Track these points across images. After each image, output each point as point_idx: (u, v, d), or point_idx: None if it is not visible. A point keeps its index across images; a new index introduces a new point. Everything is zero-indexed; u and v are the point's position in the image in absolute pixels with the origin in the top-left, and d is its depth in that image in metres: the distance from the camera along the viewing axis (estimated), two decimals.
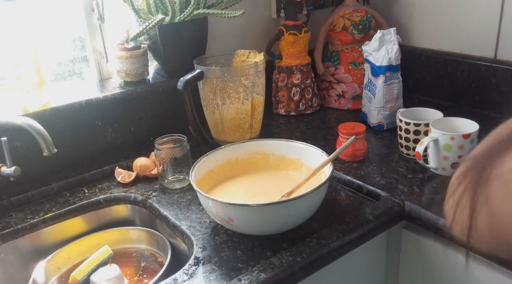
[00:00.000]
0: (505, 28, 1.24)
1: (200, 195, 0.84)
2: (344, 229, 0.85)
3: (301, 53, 1.37)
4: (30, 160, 1.05)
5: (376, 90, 1.23)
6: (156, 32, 1.15)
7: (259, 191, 0.94)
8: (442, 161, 0.99)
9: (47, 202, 1.02)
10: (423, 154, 0.99)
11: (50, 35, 1.19)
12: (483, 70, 1.29)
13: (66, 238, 0.98)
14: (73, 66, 1.24)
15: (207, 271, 0.78)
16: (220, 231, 0.88)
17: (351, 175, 1.03)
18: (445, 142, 0.97)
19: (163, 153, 1.02)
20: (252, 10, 1.38)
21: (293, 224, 0.85)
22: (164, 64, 1.23)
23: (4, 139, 0.93)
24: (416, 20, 1.45)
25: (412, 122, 1.06)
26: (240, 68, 1.16)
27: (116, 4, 1.19)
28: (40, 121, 0.92)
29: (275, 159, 1.01)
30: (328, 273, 0.85)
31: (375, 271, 1.00)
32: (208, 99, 1.16)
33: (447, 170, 0.99)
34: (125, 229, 1.00)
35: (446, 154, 0.98)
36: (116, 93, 1.16)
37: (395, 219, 0.91)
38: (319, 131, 1.29)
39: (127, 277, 0.90)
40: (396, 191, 0.96)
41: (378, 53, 1.22)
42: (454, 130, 1.00)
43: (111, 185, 1.07)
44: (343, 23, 1.38)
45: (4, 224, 0.95)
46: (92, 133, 1.15)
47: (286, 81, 1.38)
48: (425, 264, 0.93)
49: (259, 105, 1.19)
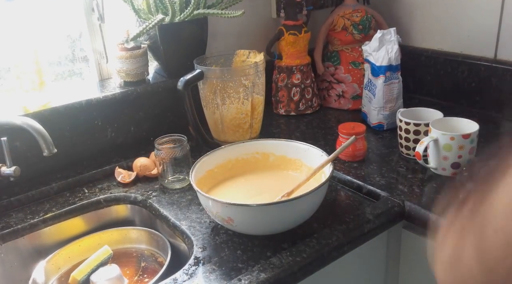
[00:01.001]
0: (505, 28, 1.24)
1: (200, 195, 0.84)
2: (344, 229, 0.85)
3: (301, 53, 1.37)
4: (30, 160, 1.05)
5: (376, 90, 1.23)
6: (156, 32, 1.15)
7: (259, 191, 0.94)
8: (442, 161, 0.99)
9: (47, 202, 1.02)
10: (423, 154, 0.99)
11: (50, 35, 1.19)
12: (483, 70, 1.29)
13: (66, 238, 0.98)
14: (73, 66, 1.24)
15: (207, 271, 0.78)
16: (220, 231, 0.88)
17: (351, 175, 1.03)
18: (445, 142, 0.97)
19: (163, 153, 1.02)
20: (252, 10, 1.38)
21: (293, 224, 0.85)
22: (164, 64, 1.23)
23: (4, 139, 0.93)
24: (416, 20, 1.45)
25: (412, 122, 1.06)
26: (240, 68, 1.16)
27: (116, 4, 1.19)
28: (40, 121, 0.92)
29: (275, 159, 1.01)
30: (328, 273, 0.85)
31: (375, 271, 1.00)
32: (208, 99, 1.15)
33: (447, 170, 0.99)
34: (125, 229, 1.00)
35: (446, 154, 0.98)
36: (116, 93, 1.16)
37: (395, 219, 0.91)
38: (319, 131, 1.29)
39: (127, 277, 0.90)
40: (396, 191, 0.96)
41: (378, 53, 1.22)
42: (454, 130, 1.00)
43: (111, 185, 1.07)
44: (343, 23, 1.38)
45: (4, 224, 0.95)
46: (92, 133, 1.15)
47: (286, 81, 1.38)
48: (425, 264, 0.93)
49: (259, 105, 1.19)
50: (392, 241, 0.97)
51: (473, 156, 0.99)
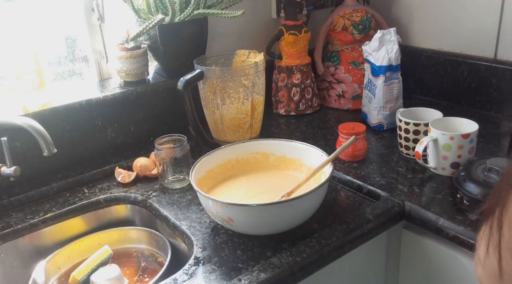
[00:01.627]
0: (505, 28, 1.24)
1: (200, 195, 0.84)
2: (344, 229, 0.85)
3: (301, 53, 1.37)
4: (30, 160, 1.05)
5: (376, 90, 1.23)
6: (156, 32, 1.15)
7: (259, 191, 0.94)
8: (442, 161, 0.99)
9: (47, 202, 1.02)
10: (423, 154, 0.99)
11: (50, 35, 1.19)
12: (483, 70, 1.29)
13: (66, 238, 0.98)
14: (73, 66, 1.24)
15: (207, 271, 0.78)
16: (220, 231, 0.88)
17: (351, 175, 1.03)
18: (445, 141, 0.97)
19: (163, 153, 1.02)
20: (252, 10, 1.38)
21: (293, 224, 0.85)
22: (164, 64, 1.23)
23: (4, 139, 0.93)
24: (416, 20, 1.45)
25: (412, 122, 1.06)
26: (240, 68, 1.16)
27: (116, 4, 1.19)
28: (40, 121, 0.92)
29: (275, 159, 1.01)
30: (328, 273, 0.85)
31: (375, 271, 1.00)
32: (208, 99, 1.16)
33: (447, 170, 0.99)
34: (125, 229, 1.00)
35: (445, 154, 0.98)
36: (116, 93, 1.16)
37: (395, 219, 0.91)
38: (319, 131, 1.29)
39: (127, 277, 0.90)
40: (396, 191, 0.96)
41: (378, 53, 1.22)
42: (453, 130, 1.00)
43: (111, 185, 1.07)
44: (343, 23, 1.38)
45: (4, 224, 0.95)
46: (92, 133, 1.15)
47: (286, 81, 1.38)
48: (425, 264, 0.93)
49: (259, 105, 1.19)
50: (392, 241, 0.97)
51: (473, 156, 0.99)
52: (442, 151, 0.98)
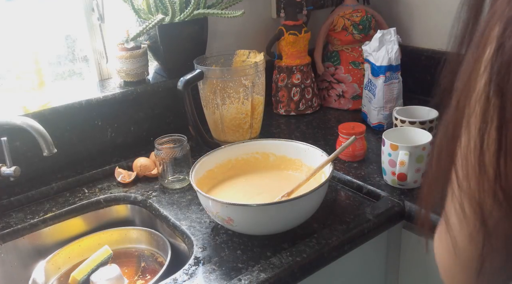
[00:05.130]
0: None
1: (200, 195, 0.84)
2: (344, 229, 0.85)
3: (301, 53, 1.37)
4: (30, 160, 1.05)
5: (376, 90, 1.23)
6: (156, 32, 1.15)
7: (259, 191, 0.94)
8: (415, 174, 0.95)
9: (47, 202, 1.02)
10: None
11: (50, 35, 1.19)
12: None
13: (66, 238, 0.98)
14: (73, 66, 1.24)
15: (207, 271, 0.78)
16: (220, 231, 0.88)
17: (351, 175, 1.03)
18: (419, 153, 0.92)
19: (163, 153, 1.02)
20: (252, 10, 1.38)
21: (293, 224, 0.85)
22: (164, 64, 1.23)
23: (4, 139, 0.93)
24: (416, 20, 1.45)
25: (408, 120, 1.07)
26: (240, 68, 1.16)
27: (116, 4, 1.19)
28: (40, 121, 0.92)
29: (275, 159, 1.01)
30: (328, 273, 0.85)
31: (375, 271, 1.00)
32: (208, 99, 1.16)
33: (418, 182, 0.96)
34: (125, 229, 1.00)
35: (419, 166, 0.94)
36: (116, 93, 1.16)
37: (395, 219, 0.91)
38: (319, 131, 1.29)
39: (127, 277, 0.90)
40: (396, 191, 0.96)
41: (378, 53, 1.22)
42: (408, 140, 0.97)
43: (111, 185, 1.07)
44: (343, 23, 1.38)
45: (4, 224, 0.95)
46: (92, 133, 1.15)
47: (286, 81, 1.38)
48: (425, 264, 0.93)
49: (259, 105, 1.19)
50: (392, 241, 0.97)
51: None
52: (416, 164, 0.93)
